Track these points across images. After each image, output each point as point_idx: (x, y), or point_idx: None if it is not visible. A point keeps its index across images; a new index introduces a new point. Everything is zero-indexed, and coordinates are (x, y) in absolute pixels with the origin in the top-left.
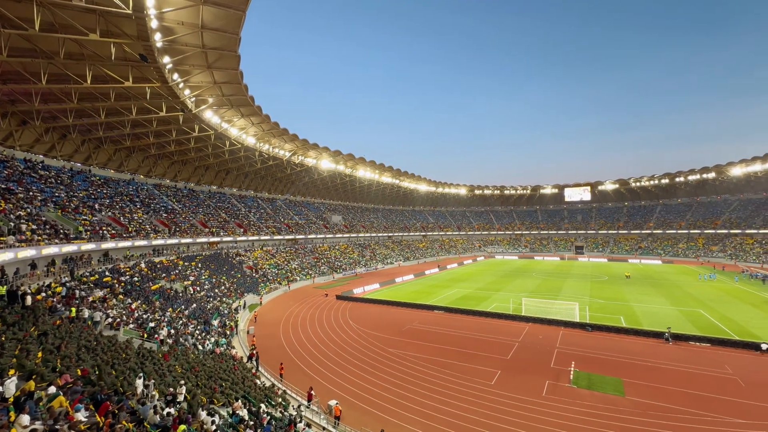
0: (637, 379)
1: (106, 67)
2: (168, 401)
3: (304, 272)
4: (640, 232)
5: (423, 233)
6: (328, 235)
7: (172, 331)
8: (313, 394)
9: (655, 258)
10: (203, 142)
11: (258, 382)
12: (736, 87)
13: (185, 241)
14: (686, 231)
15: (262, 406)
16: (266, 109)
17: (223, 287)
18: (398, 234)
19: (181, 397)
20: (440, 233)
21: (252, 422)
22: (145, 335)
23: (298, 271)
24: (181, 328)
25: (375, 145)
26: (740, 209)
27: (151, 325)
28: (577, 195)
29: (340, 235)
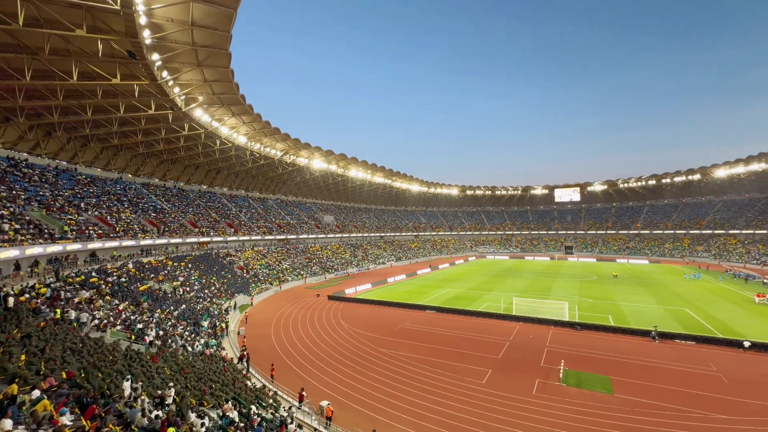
0: (624, 377)
1: (93, 64)
2: (156, 404)
3: (295, 272)
4: (628, 232)
5: (415, 233)
6: (320, 235)
7: (161, 333)
8: (305, 395)
9: (643, 258)
10: (193, 141)
11: (248, 383)
12: (731, 87)
13: (174, 241)
14: (672, 231)
15: (253, 407)
16: (259, 109)
17: (214, 288)
18: (390, 234)
19: (169, 400)
20: (432, 233)
21: (242, 424)
22: (133, 337)
23: (289, 271)
24: (170, 329)
25: (368, 146)
26: (724, 210)
27: (139, 326)
28: (566, 196)
29: (332, 235)
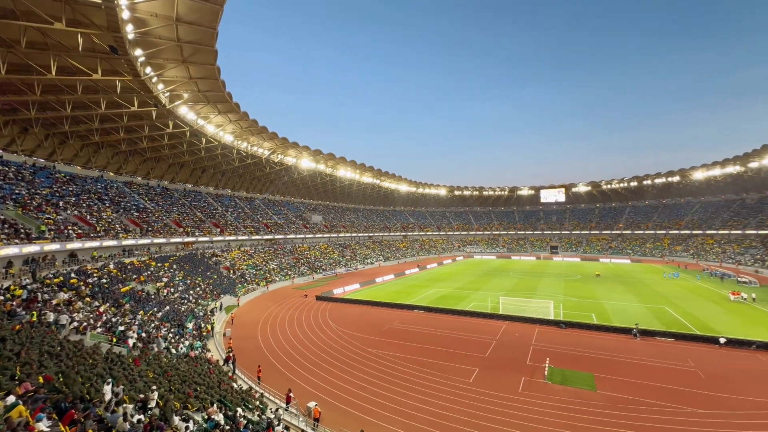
0: (607, 374)
1: (72, 59)
2: (139, 408)
3: (283, 273)
4: (611, 232)
5: (403, 233)
6: (308, 235)
7: (144, 335)
8: (292, 396)
9: (625, 257)
10: (178, 139)
11: (235, 385)
12: (719, 89)
13: (158, 242)
14: (653, 231)
15: (239, 409)
16: (250, 113)
17: (199, 289)
18: (379, 234)
19: (152, 403)
20: (420, 233)
21: (228, 427)
22: (114, 339)
23: (276, 271)
24: (153, 331)
25: (356, 147)
26: (701, 211)
27: (121, 328)
28: (552, 196)
29: (320, 235)
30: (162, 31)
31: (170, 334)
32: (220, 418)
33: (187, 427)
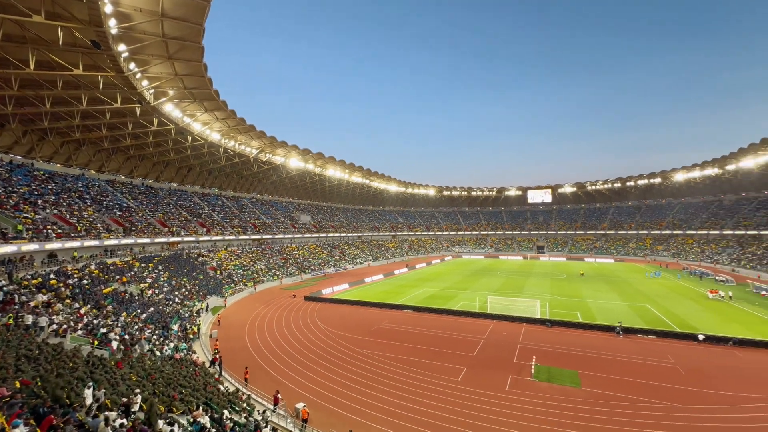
0: (591, 371)
1: (52, 53)
2: (121, 412)
3: (271, 273)
4: (596, 232)
5: (392, 233)
6: (297, 235)
7: (127, 337)
8: (280, 397)
9: (609, 257)
10: (163, 137)
11: (221, 387)
12: (705, 91)
13: (142, 241)
14: (635, 232)
15: (225, 412)
16: (239, 113)
17: (184, 289)
18: (368, 234)
19: (136, 407)
20: (409, 233)
21: (214, 430)
22: (96, 342)
23: (264, 271)
24: (137, 333)
25: (344, 148)
26: (682, 212)
27: (103, 330)
28: (539, 197)
29: (309, 235)
30: (147, 27)
31: (154, 336)
32: (206, 421)
33: (172, 431)
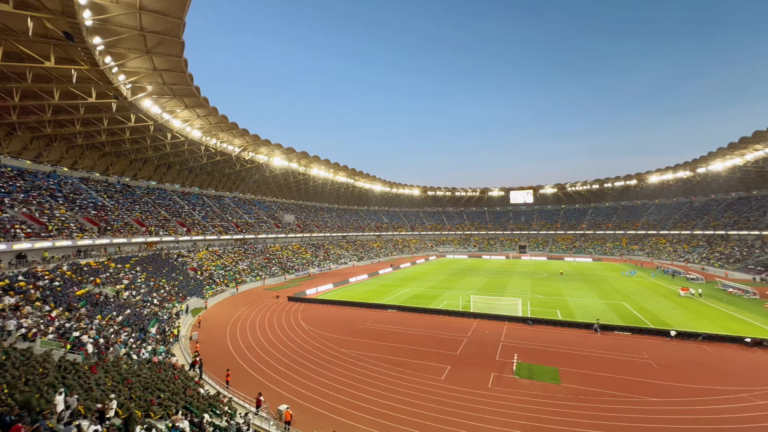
0: (571, 367)
1: (21, 44)
2: (96, 418)
3: (253, 273)
4: (575, 232)
5: (377, 233)
6: (280, 235)
7: (101, 341)
8: (262, 399)
9: (587, 256)
10: (141, 133)
11: (201, 390)
12: (685, 95)
13: (118, 241)
14: (612, 232)
15: (206, 416)
16: (221, 111)
17: (163, 291)
18: (352, 234)
19: (111, 413)
20: (394, 233)
21: None
22: (68, 346)
23: (247, 272)
24: (112, 336)
25: (329, 148)
26: (656, 213)
27: (75, 334)
28: (521, 197)
29: (293, 235)
30: (123, 19)
31: (131, 339)
32: (185, 425)
33: None
